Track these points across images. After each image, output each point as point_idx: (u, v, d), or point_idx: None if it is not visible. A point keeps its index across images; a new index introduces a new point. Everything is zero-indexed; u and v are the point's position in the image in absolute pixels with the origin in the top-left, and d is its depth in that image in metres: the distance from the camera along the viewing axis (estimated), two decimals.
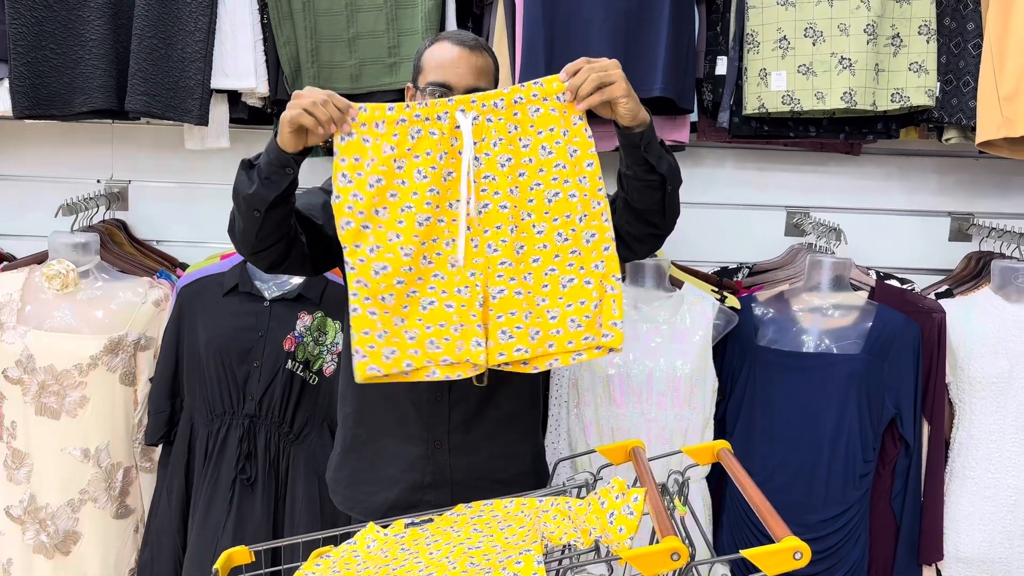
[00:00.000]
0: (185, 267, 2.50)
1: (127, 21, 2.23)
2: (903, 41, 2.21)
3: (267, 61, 2.33)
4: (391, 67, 2.31)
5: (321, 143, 1.46)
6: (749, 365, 2.21)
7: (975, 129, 2.21)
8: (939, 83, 2.25)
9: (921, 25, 2.20)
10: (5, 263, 2.44)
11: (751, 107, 2.27)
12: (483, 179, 1.46)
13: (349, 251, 1.43)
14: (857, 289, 2.27)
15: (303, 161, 1.49)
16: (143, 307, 2.26)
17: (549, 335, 1.45)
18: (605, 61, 1.43)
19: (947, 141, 2.38)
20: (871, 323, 2.16)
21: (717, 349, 2.21)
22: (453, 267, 1.46)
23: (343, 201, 1.43)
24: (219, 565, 1.18)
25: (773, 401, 2.17)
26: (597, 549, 1.13)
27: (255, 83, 2.31)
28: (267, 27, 2.31)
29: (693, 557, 1.08)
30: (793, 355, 2.17)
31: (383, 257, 1.43)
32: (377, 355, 1.43)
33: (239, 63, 2.29)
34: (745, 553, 0.99)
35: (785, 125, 2.37)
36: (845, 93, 2.18)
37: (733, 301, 2.26)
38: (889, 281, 2.38)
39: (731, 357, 2.25)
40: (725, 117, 2.34)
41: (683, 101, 2.23)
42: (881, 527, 2.22)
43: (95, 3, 2.21)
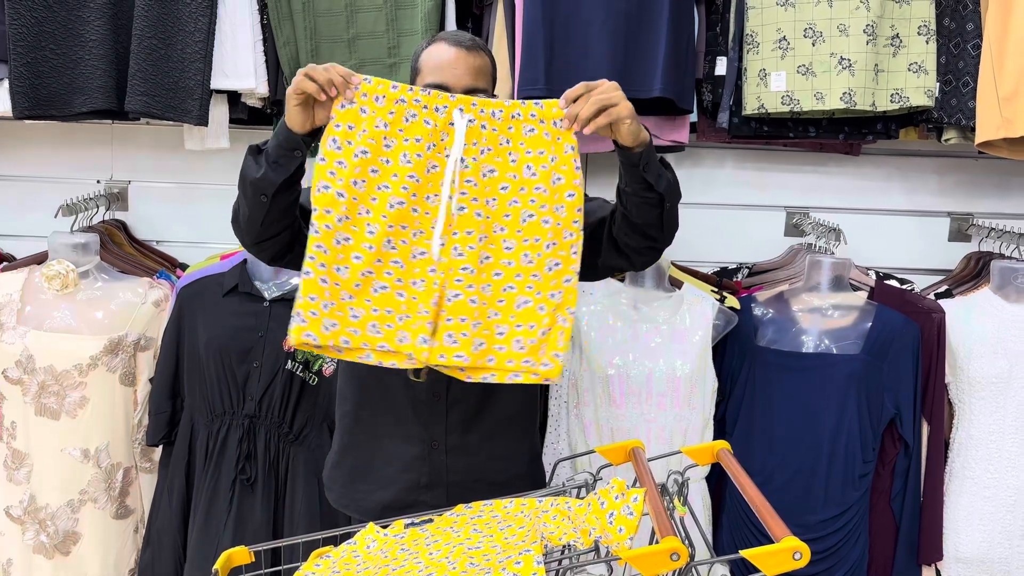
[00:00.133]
0: (185, 267, 2.50)
1: (127, 21, 2.23)
2: (902, 41, 2.21)
3: (267, 62, 2.34)
4: (391, 67, 2.31)
5: (327, 121, 1.46)
6: (749, 365, 2.21)
7: (974, 129, 2.21)
8: (938, 83, 2.26)
9: (920, 25, 2.20)
10: (5, 263, 2.44)
11: (750, 107, 2.28)
12: (465, 182, 1.46)
13: (318, 215, 1.43)
14: (857, 289, 2.27)
15: (312, 144, 1.49)
16: (143, 307, 2.26)
17: (492, 349, 1.45)
18: (606, 83, 1.43)
19: (946, 141, 2.38)
20: (870, 323, 2.16)
21: (717, 349, 2.22)
22: (415, 258, 1.46)
23: (327, 165, 1.43)
24: (219, 565, 1.18)
25: (773, 401, 2.17)
26: (597, 549, 1.14)
27: (255, 83, 2.31)
28: (267, 27, 2.32)
29: (693, 557, 1.08)
30: (793, 355, 2.17)
31: (349, 229, 1.44)
32: (317, 323, 1.42)
33: (239, 64, 2.29)
34: (745, 553, 0.99)
35: (785, 125, 2.37)
36: (844, 93, 2.18)
37: (733, 301, 2.26)
38: (888, 281, 2.38)
39: (731, 357, 2.25)
40: (725, 117, 2.34)
41: (683, 101, 2.24)
42: (881, 527, 2.22)
43: (95, 4, 2.21)
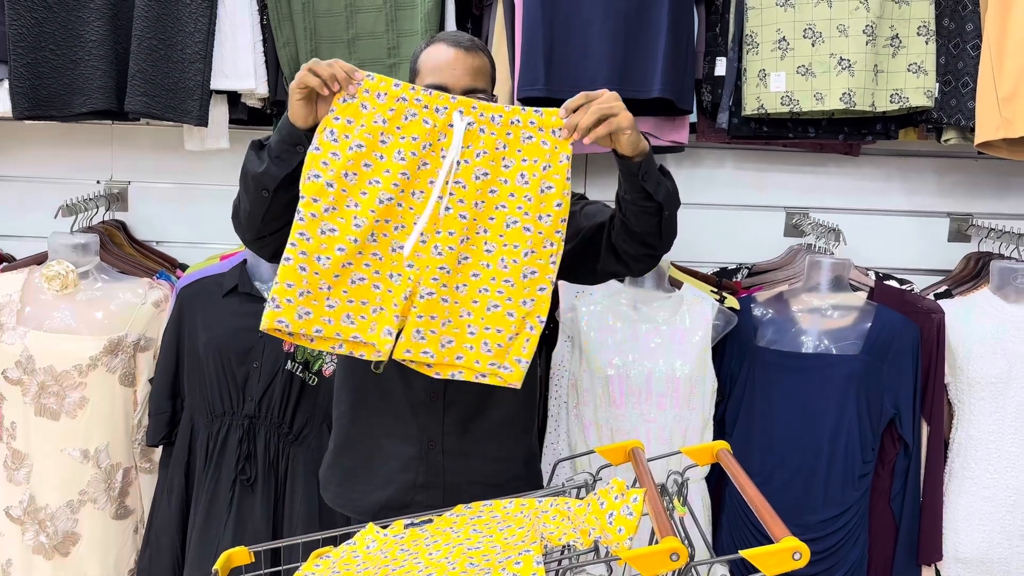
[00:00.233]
0: (185, 268, 2.50)
1: (127, 22, 2.23)
2: (902, 42, 2.21)
3: (267, 62, 2.34)
4: (390, 68, 2.31)
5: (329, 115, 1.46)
6: (748, 366, 2.21)
7: (974, 130, 2.21)
8: (938, 84, 2.26)
9: (920, 26, 2.20)
10: (5, 264, 2.44)
11: (750, 108, 2.28)
12: (454, 184, 1.47)
13: (305, 202, 1.43)
14: (856, 290, 2.27)
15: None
16: (143, 308, 2.26)
17: (461, 347, 1.47)
18: (606, 93, 1.43)
19: (946, 142, 2.38)
20: (870, 324, 2.16)
21: (716, 350, 2.22)
22: (394, 251, 1.47)
23: (320, 155, 1.44)
24: (219, 566, 1.18)
25: (772, 402, 2.17)
26: (596, 550, 1.14)
27: (255, 84, 2.31)
28: (267, 28, 2.32)
29: (692, 557, 1.08)
30: (792, 356, 2.17)
31: (335, 220, 1.44)
32: (291, 310, 1.42)
33: (239, 64, 2.29)
34: (744, 553, 0.99)
35: (784, 126, 2.37)
36: (844, 94, 2.18)
37: (732, 302, 2.26)
38: (888, 282, 2.38)
39: (730, 358, 2.25)
40: (724, 118, 2.34)
41: (682, 102, 2.24)
42: (880, 527, 2.22)
43: (95, 4, 2.21)
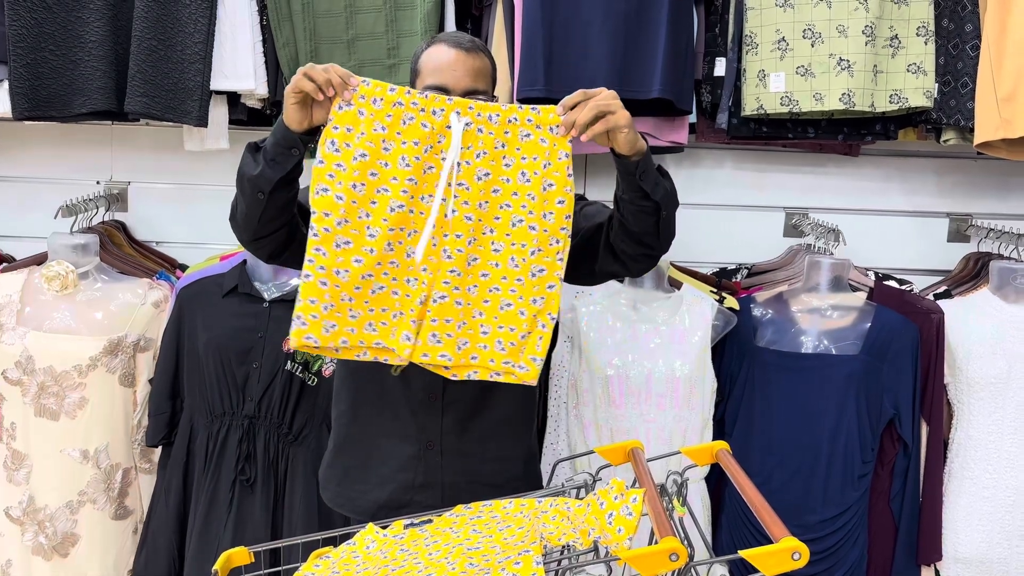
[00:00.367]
0: (184, 268, 2.50)
1: (127, 23, 2.23)
2: (901, 42, 2.21)
3: (266, 63, 2.34)
4: (390, 69, 2.31)
5: (325, 121, 1.46)
6: (748, 366, 2.21)
7: (973, 130, 2.21)
8: (937, 84, 2.26)
9: (919, 26, 2.20)
10: (5, 264, 2.44)
11: (750, 108, 2.28)
12: (458, 186, 1.47)
13: (317, 217, 1.43)
14: (856, 290, 2.27)
15: (309, 143, 1.49)
16: (142, 308, 2.26)
17: (476, 348, 1.49)
18: (604, 92, 1.43)
19: (945, 142, 2.39)
20: (870, 324, 2.16)
21: (716, 350, 2.22)
22: (409, 257, 1.47)
23: (325, 168, 1.43)
24: (218, 566, 1.18)
25: (772, 402, 2.17)
26: (596, 550, 1.14)
27: (254, 85, 2.31)
28: (266, 29, 2.32)
29: (692, 558, 1.08)
30: (792, 356, 2.18)
31: (348, 232, 1.44)
32: (317, 326, 1.43)
33: (238, 65, 2.29)
34: (744, 553, 0.99)
35: (784, 126, 2.37)
36: (844, 94, 2.18)
37: (732, 302, 2.26)
38: (888, 282, 2.38)
39: (730, 358, 2.25)
40: (724, 118, 2.34)
41: (682, 102, 2.24)
42: (880, 528, 2.22)
43: (95, 5, 2.21)
